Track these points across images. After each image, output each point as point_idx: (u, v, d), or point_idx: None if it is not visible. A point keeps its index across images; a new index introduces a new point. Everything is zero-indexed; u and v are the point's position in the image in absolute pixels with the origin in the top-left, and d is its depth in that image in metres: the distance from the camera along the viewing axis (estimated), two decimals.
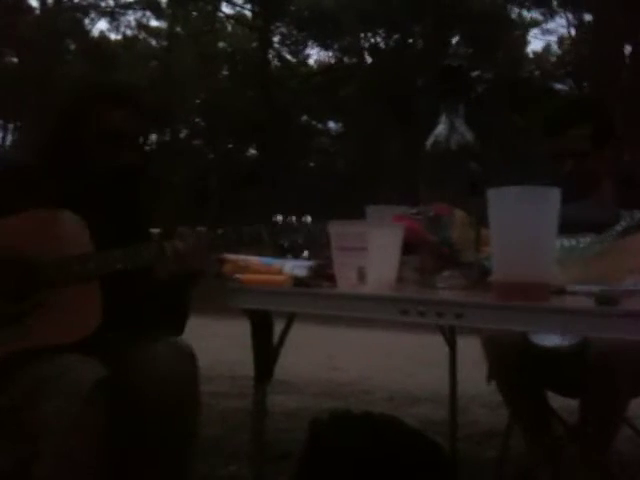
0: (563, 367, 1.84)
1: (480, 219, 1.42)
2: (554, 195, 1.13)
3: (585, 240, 1.44)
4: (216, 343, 5.15)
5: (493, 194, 1.16)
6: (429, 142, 1.45)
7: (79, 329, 1.45)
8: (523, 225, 1.12)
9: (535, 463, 1.98)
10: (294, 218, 1.56)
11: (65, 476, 1.35)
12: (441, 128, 1.45)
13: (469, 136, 1.44)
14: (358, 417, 2.03)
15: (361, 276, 1.35)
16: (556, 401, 2.03)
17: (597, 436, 1.82)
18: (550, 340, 1.82)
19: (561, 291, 1.26)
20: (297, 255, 1.60)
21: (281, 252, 1.60)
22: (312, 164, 20.56)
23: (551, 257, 1.16)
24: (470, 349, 2.47)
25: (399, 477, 1.85)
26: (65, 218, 1.51)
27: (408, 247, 1.45)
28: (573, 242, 1.42)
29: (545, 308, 1.11)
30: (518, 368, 1.89)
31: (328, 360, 5.14)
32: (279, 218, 1.56)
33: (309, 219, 1.56)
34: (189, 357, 1.51)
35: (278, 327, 1.69)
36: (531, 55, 20.17)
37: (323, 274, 1.49)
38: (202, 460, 2.28)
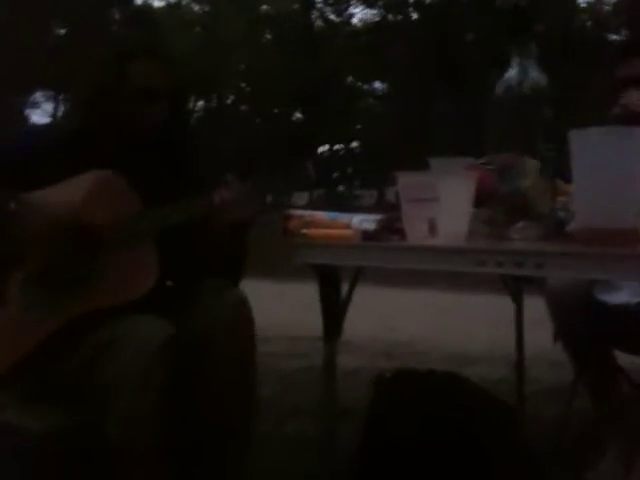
0: (630, 324, 1.78)
1: (554, 168, 1.37)
2: None
3: None
4: (275, 305, 5.18)
5: (576, 135, 1.09)
6: (499, 87, 1.39)
7: (138, 287, 1.46)
8: (609, 167, 1.05)
9: (601, 420, 1.94)
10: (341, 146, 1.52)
11: (136, 432, 1.36)
12: (512, 72, 1.38)
13: (543, 80, 1.37)
14: (423, 374, 2.00)
15: (432, 228, 1.31)
16: (623, 359, 1.97)
17: None
18: (617, 297, 1.77)
19: None
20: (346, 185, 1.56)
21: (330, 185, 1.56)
22: (359, 126, 20.33)
23: (639, 202, 1.09)
24: (530, 309, 2.42)
25: (467, 434, 1.82)
26: (112, 180, 1.51)
27: (478, 199, 1.40)
28: None
29: (634, 255, 1.05)
30: (584, 326, 1.83)
31: (386, 320, 5.14)
32: (325, 149, 1.52)
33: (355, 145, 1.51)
34: (243, 302, 1.52)
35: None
36: (584, 5, 19.43)
37: (391, 228, 1.45)
38: (262, 418, 2.30)
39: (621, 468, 1.81)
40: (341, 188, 1.62)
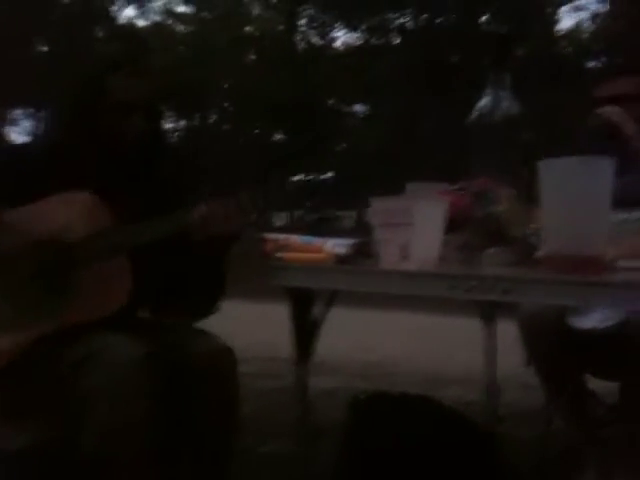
0: (599, 349, 1.80)
1: (528, 193, 1.39)
2: (608, 166, 1.09)
3: (637, 214, 1.39)
4: (251, 325, 5.16)
5: (545, 165, 1.12)
6: (474, 114, 1.41)
7: (111, 303, 1.46)
8: (577, 195, 1.08)
9: (574, 444, 1.95)
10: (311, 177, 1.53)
11: (112, 448, 1.35)
12: (490, 97, 1.40)
13: (516, 107, 1.40)
14: (396, 397, 2.01)
15: (404, 252, 1.33)
16: (594, 383, 2.00)
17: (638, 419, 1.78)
18: (586, 322, 1.79)
19: (612, 266, 1.22)
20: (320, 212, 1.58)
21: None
22: (339, 148, 20.39)
23: (606, 230, 1.12)
24: (503, 334, 2.44)
25: (440, 455, 1.83)
26: (89, 201, 1.51)
27: (451, 224, 1.42)
28: (625, 216, 1.38)
29: (600, 282, 1.07)
30: (556, 350, 1.85)
31: (361, 342, 5.14)
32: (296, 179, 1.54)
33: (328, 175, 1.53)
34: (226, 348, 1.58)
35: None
36: (562, 32, 19.78)
37: (364, 252, 1.47)
38: (239, 439, 2.28)
39: None
40: (319, 210, 1.64)
